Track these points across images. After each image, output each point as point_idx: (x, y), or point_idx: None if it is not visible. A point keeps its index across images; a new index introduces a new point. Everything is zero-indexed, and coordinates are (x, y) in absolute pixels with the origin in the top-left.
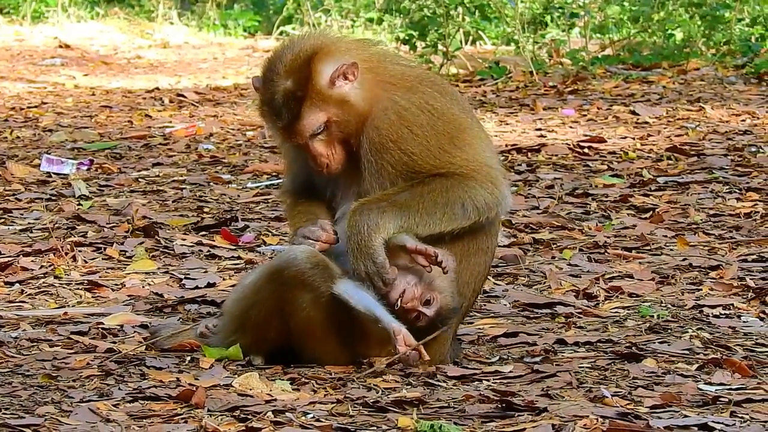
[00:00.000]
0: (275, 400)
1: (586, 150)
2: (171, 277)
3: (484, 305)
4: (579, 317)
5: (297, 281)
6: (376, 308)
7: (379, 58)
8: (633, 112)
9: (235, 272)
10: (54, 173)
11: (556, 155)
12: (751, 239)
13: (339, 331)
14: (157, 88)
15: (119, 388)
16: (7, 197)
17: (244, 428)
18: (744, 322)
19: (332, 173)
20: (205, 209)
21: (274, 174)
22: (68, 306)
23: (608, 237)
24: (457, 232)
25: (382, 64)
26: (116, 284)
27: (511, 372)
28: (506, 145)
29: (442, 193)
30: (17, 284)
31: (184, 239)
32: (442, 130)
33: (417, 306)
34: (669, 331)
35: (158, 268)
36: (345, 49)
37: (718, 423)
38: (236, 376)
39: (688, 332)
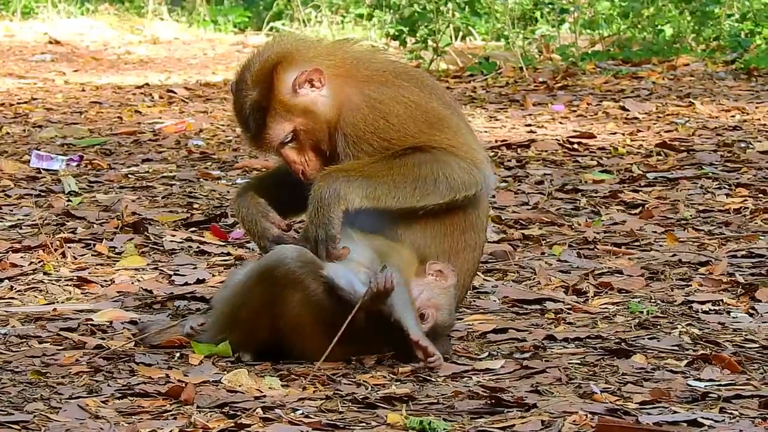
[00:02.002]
0: (264, 396)
1: (575, 146)
2: (160, 274)
3: (474, 301)
4: (568, 313)
5: (287, 280)
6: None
7: (353, 60)
8: (623, 108)
9: (224, 268)
10: (43, 169)
11: (546, 151)
12: (740, 235)
13: (329, 329)
14: (147, 84)
15: (108, 385)
16: None
17: (233, 425)
18: (733, 317)
19: (309, 179)
20: (195, 205)
21: (263, 170)
22: (57, 302)
23: (598, 233)
24: (434, 210)
25: (355, 65)
26: (105, 280)
27: (500, 368)
28: (496, 141)
29: (414, 167)
30: (6, 280)
31: (174, 235)
32: (420, 118)
33: None
34: (658, 327)
35: (147, 265)
36: (313, 55)
37: (707, 419)
38: (225, 372)
39: (677, 328)
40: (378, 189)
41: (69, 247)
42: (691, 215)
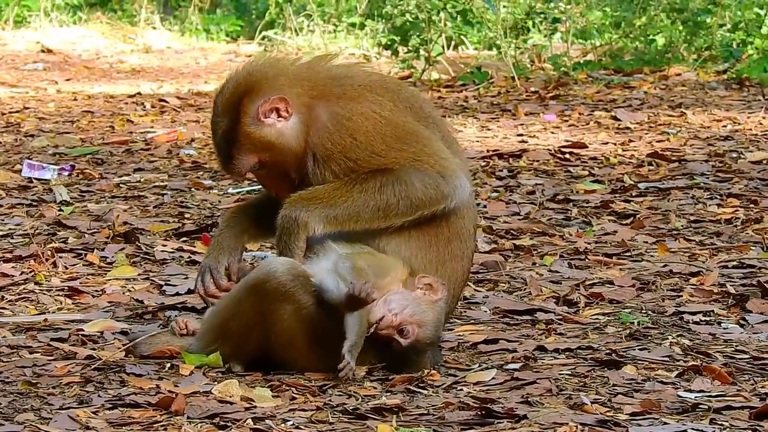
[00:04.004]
0: (255, 407)
1: (567, 155)
2: (151, 284)
3: (465, 312)
4: (559, 324)
5: (278, 293)
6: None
7: (327, 78)
8: (614, 118)
9: None
10: (35, 179)
11: (538, 161)
12: (731, 245)
13: (319, 342)
14: (139, 93)
15: (99, 395)
16: None
17: None
18: (724, 328)
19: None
20: (186, 215)
21: (254, 180)
22: (48, 312)
23: (589, 243)
24: (411, 223)
25: (329, 83)
26: (97, 290)
27: (491, 379)
28: (487, 151)
29: (375, 192)
30: None
31: (165, 245)
32: (389, 134)
33: (392, 334)
34: (649, 337)
35: (139, 275)
36: (281, 83)
37: (698, 430)
38: (216, 383)
39: (668, 339)
40: (340, 216)
41: (60, 257)
42: (682, 225)
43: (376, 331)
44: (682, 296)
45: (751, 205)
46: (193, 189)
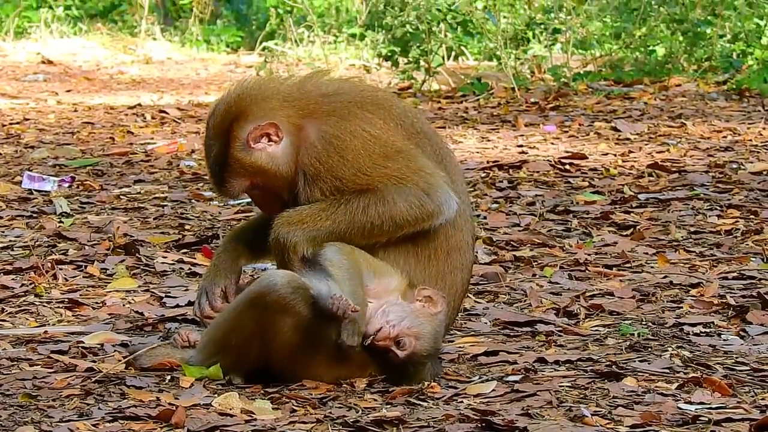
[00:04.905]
0: (255, 419)
1: (567, 167)
2: (152, 296)
3: (465, 323)
4: (559, 335)
5: (278, 306)
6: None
7: (318, 97)
8: (614, 129)
9: None
10: (35, 190)
11: (538, 172)
12: (731, 257)
13: (320, 354)
14: (140, 104)
15: (99, 408)
16: None
17: None
18: (724, 340)
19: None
20: (187, 226)
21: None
22: (49, 325)
23: (589, 254)
24: (406, 236)
25: (320, 101)
26: (97, 302)
27: (491, 391)
28: (488, 162)
29: (358, 213)
30: None
31: (165, 257)
32: (377, 151)
33: (390, 345)
34: (649, 349)
35: (139, 286)
36: (272, 106)
37: None
38: (216, 395)
39: (668, 350)
40: (326, 237)
41: (60, 269)
42: (682, 236)
43: (373, 342)
44: (682, 308)
45: (752, 216)
46: (193, 200)
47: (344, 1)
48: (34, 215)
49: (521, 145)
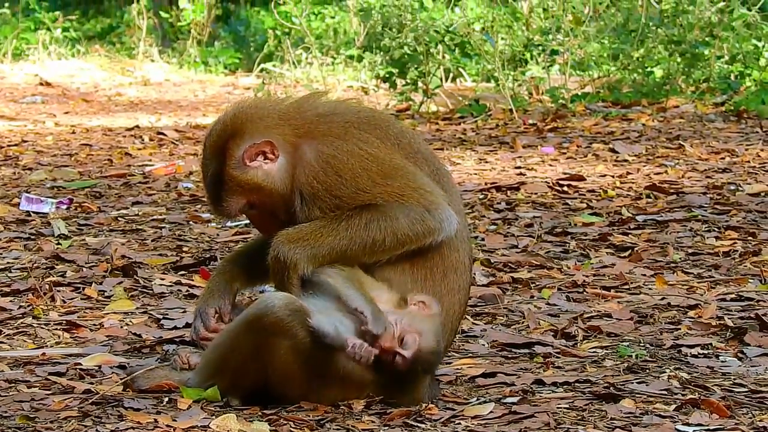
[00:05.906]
0: None
1: (565, 188)
2: (149, 317)
3: (462, 345)
4: (557, 357)
5: (275, 328)
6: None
7: (314, 117)
8: (612, 150)
9: None
10: (33, 212)
11: (536, 193)
12: (729, 278)
13: (317, 376)
14: (138, 126)
15: (97, 430)
16: None
17: None
18: (722, 362)
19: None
20: (184, 248)
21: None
22: (46, 346)
23: (587, 276)
24: (403, 255)
25: (316, 122)
26: (95, 324)
27: (489, 413)
28: (485, 183)
29: (360, 229)
30: None
31: (163, 279)
32: (375, 170)
33: (394, 347)
34: (647, 371)
35: (137, 308)
36: (267, 125)
37: None
38: (214, 417)
39: (666, 372)
40: (327, 254)
41: (58, 291)
42: (680, 258)
43: (379, 346)
44: (680, 329)
45: (750, 238)
46: (191, 222)
47: (342, 22)
48: (32, 237)
49: (519, 167)
